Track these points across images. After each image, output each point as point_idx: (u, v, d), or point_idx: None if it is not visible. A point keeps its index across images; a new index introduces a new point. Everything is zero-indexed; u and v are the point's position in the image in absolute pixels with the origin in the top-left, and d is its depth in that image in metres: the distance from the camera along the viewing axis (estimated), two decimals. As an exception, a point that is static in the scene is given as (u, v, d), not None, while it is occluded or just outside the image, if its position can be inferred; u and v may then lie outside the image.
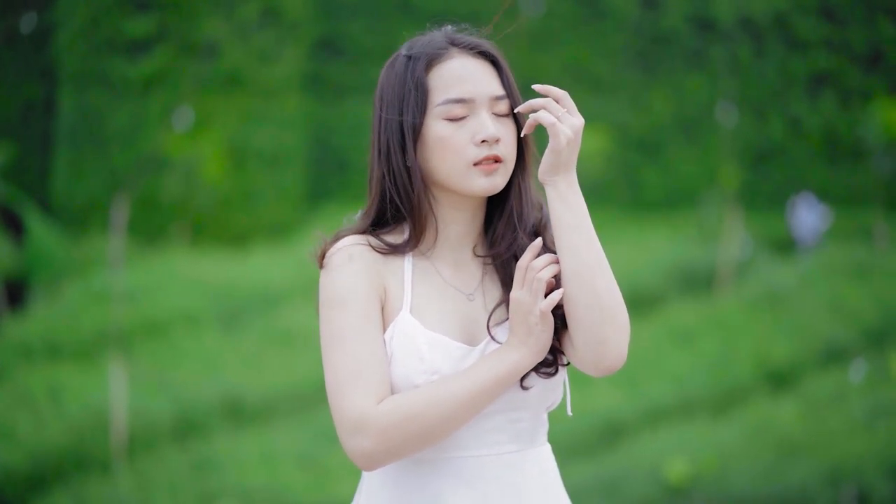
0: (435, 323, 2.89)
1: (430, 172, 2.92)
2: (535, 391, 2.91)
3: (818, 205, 23.82)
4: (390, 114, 2.95)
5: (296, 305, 17.75)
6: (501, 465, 2.91)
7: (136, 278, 17.85)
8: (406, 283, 2.91)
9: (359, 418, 2.81)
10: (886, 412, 13.96)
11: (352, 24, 25.85)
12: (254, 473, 13.09)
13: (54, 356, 15.82)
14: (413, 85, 2.91)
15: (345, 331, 2.85)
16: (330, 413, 13.63)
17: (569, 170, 2.85)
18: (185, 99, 21.52)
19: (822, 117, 25.01)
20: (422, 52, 2.94)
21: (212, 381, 14.91)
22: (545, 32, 25.47)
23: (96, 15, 22.16)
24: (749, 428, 13.95)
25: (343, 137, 25.77)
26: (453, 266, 2.95)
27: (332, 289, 2.89)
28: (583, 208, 2.86)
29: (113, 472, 13.15)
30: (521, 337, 2.83)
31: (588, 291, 2.81)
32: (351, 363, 2.83)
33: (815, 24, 25.07)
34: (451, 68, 2.92)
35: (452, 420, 2.81)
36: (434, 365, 2.84)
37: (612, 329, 2.82)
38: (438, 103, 2.89)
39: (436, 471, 2.90)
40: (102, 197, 21.67)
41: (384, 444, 2.79)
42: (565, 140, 2.84)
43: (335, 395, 2.84)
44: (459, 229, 2.95)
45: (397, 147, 2.94)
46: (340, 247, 2.93)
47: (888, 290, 18.26)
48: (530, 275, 2.82)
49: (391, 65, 2.98)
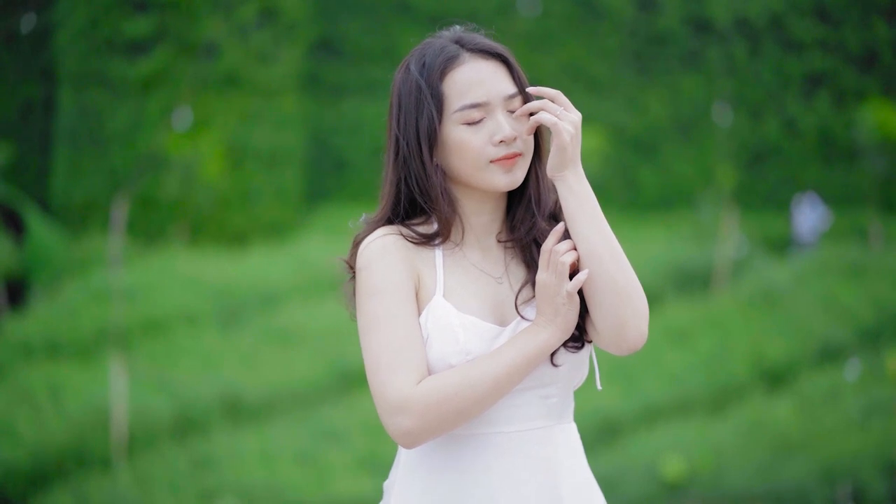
0: (467, 306, 3.01)
1: (451, 172, 3.03)
2: (564, 369, 3.05)
3: (821, 205, 23.89)
4: (408, 120, 3.04)
5: (294, 304, 17.81)
6: (533, 441, 3.04)
7: (135, 277, 17.90)
8: (438, 269, 3.03)
9: (399, 399, 2.93)
10: (881, 410, 14.02)
11: (350, 25, 25.89)
12: (253, 471, 13.13)
13: (54, 354, 15.87)
14: (429, 93, 3.01)
15: (382, 317, 2.97)
16: (327, 411, 13.65)
17: (575, 163, 2.98)
18: (183, 99, 21.56)
19: (818, 117, 25.06)
20: (435, 59, 3.05)
21: (211, 380, 14.95)
22: (542, 33, 25.52)
23: (95, 15, 22.19)
24: (745, 426, 14.00)
25: (341, 137, 25.81)
26: (481, 252, 3.08)
27: (368, 278, 3.00)
28: (592, 199, 2.99)
29: (113, 470, 13.19)
30: (549, 316, 2.96)
31: (603, 277, 2.95)
32: (390, 347, 2.95)
33: (811, 25, 25.13)
34: (464, 74, 3.03)
35: (487, 397, 2.94)
36: (468, 345, 2.96)
37: (629, 311, 2.96)
38: (455, 109, 3.01)
39: (470, 446, 3.03)
40: (102, 196, 21.71)
41: (424, 422, 2.92)
42: (568, 136, 2.96)
43: (376, 378, 2.96)
44: (484, 219, 3.08)
45: (416, 151, 3.03)
46: (374, 238, 3.03)
47: (883, 290, 18.32)
48: (554, 258, 2.95)
49: (405, 71, 3.08)
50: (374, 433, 13.87)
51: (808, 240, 23.40)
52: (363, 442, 13.69)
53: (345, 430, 13.91)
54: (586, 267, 2.97)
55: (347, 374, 15.74)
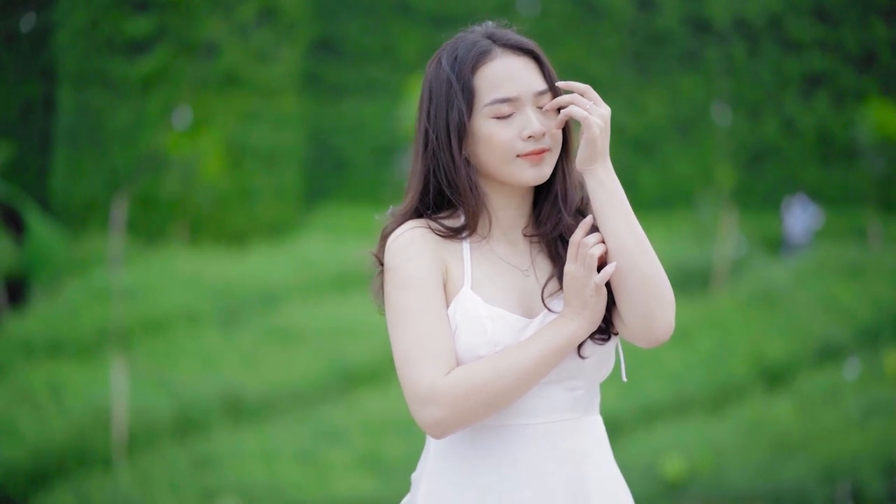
0: (494, 298, 3.05)
1: (480, 166, 3.07)
2: (591, 361, 3.07)
3: (811, 205, 23.92)
4: (438, 113, 3.08)
5: (294, 304, 17.83)
6: (560, 432, 3.07)
7: (135, 277, 17.91)
8: (465, 262, 3.07)
9: (428, 390, 2.97)
10: (880, 410, 14.04)
11: (349, 24, 25.91)
12: (254, 470, 13.14)
13: (55, 354, 15.88)
14: (460, 87, 3.05)
15: (411, 310, 3.01)
16: (328, 410, 13.66)
17: (604, 157, 3.02)
18: (183, 98, 21.58)
19: (816, 117, 25.09)
20: (467, 54, 3.08)
21: (211, 379, 14.96)
22: (541, 33, 25.53)
23: (95, 15, 22.21)
24: (744, 425, 14.02)
25: (341, 137, 25.83)
26: (507, 245, 3.12)
27: (397, 271, 3.05)
28: (620, 192, 3.04)
29: (114, 469, 13.20)
30: (577, 308, 3.00)
31: (632, 269, 2.98)
32: (419, 339, 2.99)
33: (809, 25, 25.16)
34: (496, 69, 3.06)
35: (515, 388, 2.97)
36: (496, 337, 3.00)
37: (657, 303, 2.99)
38: (486, 103, 3.04)
39: (498, 437, 3.06)
40: (102, 196, 21.73)
41: (453, 412, 2.95)
42: (598, 130, 3.00)
43: (405, 369, 3.00)
44: (511, 213, 3.12)
45: (445, 144, 3.07)
46: (402, 231, 3.08)
47: (882, 289, 18.34)
48: (583, 250, 2.99)
49: (437, 65, 3.11)
50: (375, 432, 13.89)
51: (800, 241, 23.43)
52: (363, 441, 13.71)
53: (345, 429, 13.92)
54: (615, 260, 3.01)
55: (348, 373, 15.75)
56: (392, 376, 15.81)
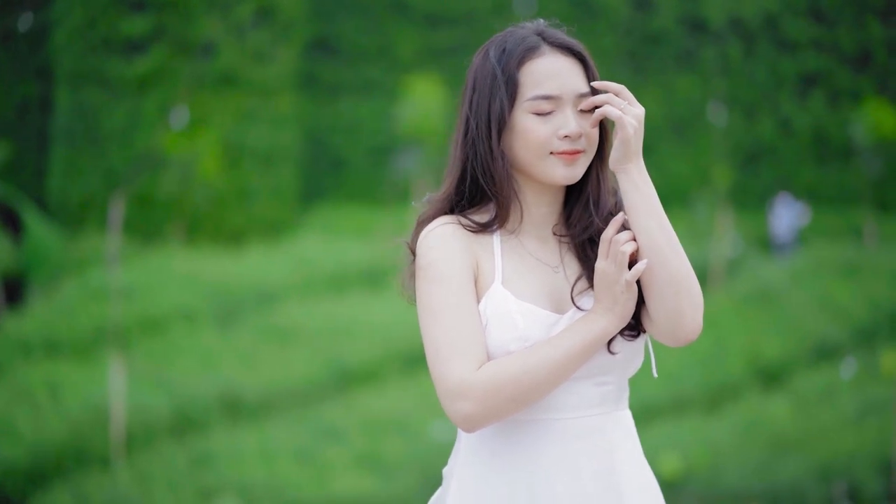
0: (525, 293, 3.08)
1: (514, 159, 3.10)
2: (620, 357, 3.10)
3: (795, 203, 23.94)
4: (480, 103, 3.10)
5: (292, 303, 17.84)
6: (590, 427, 3.10)
7: (132, 276, 17.92)
8: (496, 258, 3.10)
9: (460, 384, 2.99)
10: (876, 409, 14.07)
11: (346, 24, 25.92)
12: (252, 469, 13.15)
13: (53, 353, 15.89)
14: (505, 78, 3.07)
15: (443, 304, 3.04)
16: (326, 409, 13.66)
17: (638, 157, 3.05)
18: (180, 98, 21.60)
19: (812, 117, 25.13)
20: (515, 48, 3.10)
21: (209, 378, 14.98)
22: (537, 32, 25.55)
23: (93, 14, 22.22)
24: (741, 424, 14.05)
25: (337, 136, 25.85)
26: (538, 241, 3.15)
27: (428, 266, 3.08)
28: (653, 192, 3.07)
29: (112, 468, 13.21)
30: (607, 305, 3.03)
31: (662, 268, 3.01)
32: (450, 334, 3.02)
33: (805, 25, 25.19)
34: (541, 65, 3.08)
35: (546, 383, 3.01)
36: (526, 332, 3.03)
37: (686, 303, 3.03)
38: (528, 98, 3.07)
39: (530, 431, 3.09)
40: (99, 195, 21.74)
41: (484, 407, 2.98)
42: (632, 130, 3.03)
43: (436, 363, 3.02)
44: (542, 210, 3.15)
45: (485, 134, 3.09)
46: (433, 227, 3.11)
47: (878, 288, 18.39)
48: (614, 248, 3.01)
49: (484, 55, 3.14)
50: (373, 431, 13.91)
51: (786, 240, 23.46)
52: (362, 440, 13.73)
53: (343, 428, 13.95)
54: (646, 258, 3.03)
55: (345, 372, 15.78)
56: (390, 376, 15.84)
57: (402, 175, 24.09)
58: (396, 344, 16.45)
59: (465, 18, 25.72)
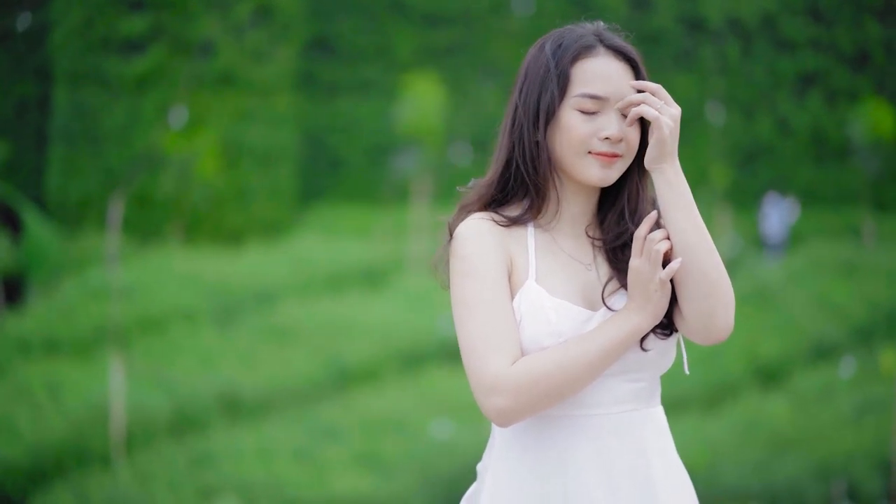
0: (558, 290, 3.11)
1: (553, 153, 3.14)
2: (652, 354, 3.13)
3: (782, 201, 23.95)
4: (531, 93, 3.15)
5: (291, 302, 17.86)
6: (623, 423, 3.13)
7: (132, 275, 17.94)
8: (530, 255, 3.14)
9: (494, 379, 3.03)
10: (875, 408, 14.09)
11: (344, 24, 25.94)
12: (251, 468, 13.15)
13: (53, 352, 15.90)
14: (557, 72, 3.12)
15: (478, 299, 3.08)
16: (325, 408, 13.67)
17: (673, 156, 3.08)
18: (179, 98, 21.62)
19: (810, 117, 25.16)
20: (571, 45, 3.16)
21: (208, 377, 14.99)
22: (535, 32, 25.55)
23: (91, 14, 22.24)
24: (739, 424, 14.05)
25: (335, 136, 25.86)
26: (572, 238, 3.18)
27: (463, 261, 3.11)
28: (688, 192, 3.10)
29: (113, 467, 13.21)
30: (640, 303, 3.06)
31: (695, 268, 3.05)
32: (485, 329, 3.06)
33: (803, 24, 25.22)
34: (594, 65, 3.13)
35: (579, 379, 3.05)
36: (560, 328, 3.07)
37: (718, 303, 3.06)
38: (575, 94, 3.11)
39: (563, 427, 3.12)
40: (97, 195, 21.76)
41: (518, 402, 3.02)
42: (668, 130, 3.06)
43: (471, 358, 3.06)
44: (577, 209, 3.19)
45: (531, 124, 3.13)
46: (468, 224, 3.13)
47: (876, 288, 18.41)
48: (648, 245, 3.04)
49: (540, 48, 3.20)
50: (372, 430, 13.92)
51: (777, 239, 23.47)
52: (361, 439, 13.74)
53: (342, 427, 13.96)
54: (679, 257, 3.06)
55: (344, 371, 15.79)
56: (388, 375, 15.85)
57: (401, 175, 24.11)
58: (395, 343, 16.47)
59: (463, 18, 25.73)
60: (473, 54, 25.62)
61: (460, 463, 13.08)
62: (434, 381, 15.48)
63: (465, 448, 13.32)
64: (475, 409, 14.19)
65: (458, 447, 13.37)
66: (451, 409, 14.47)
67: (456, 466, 13.03)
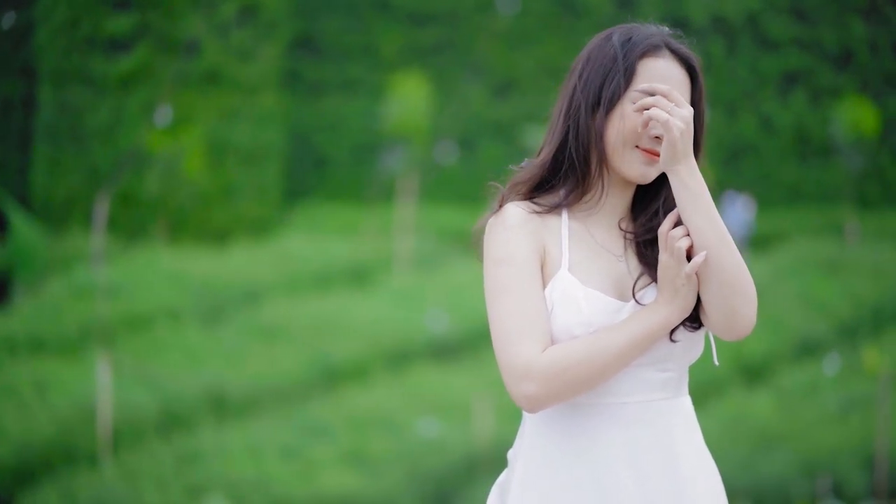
0: (590, 280, 3.17)
1: (605, 142, 3.19)
2: (681, 345, 3.19)
3: (738, 198, 23.99)
4: (593, 79, 3.21)
5: (277, 301, 17.88)
6: (652, 411, 3.18)
7: (118, 274, 17.94)
8: (563, 244, 3.19)
9: (525, 366, 3.09)
10: (859, 404, 14.16)
11: (329, 22, 25.95)
12: (239, 466, 13.16)
13: (39, 351, 15.89)
14: (625, 64, 3.19)
15: (510, 286, 3.14)
16: (312, 406, 13.69)
17: (687, 157, 3.13)
18: (164, 96, 21.62)
19: (794, 115, 25.23)
20: (640, 41, 3.22)
21: (195, 376, 15.00)
22: (521, 31, 25.63)
23: (76, 13, 22.23)
24: (725, 420, 14.11)
25: (321, 135, 25.87)
26: (605, 229, 3.24)
27: (497, 248, 3.17)
28: (704, 191, 3.14)
29: (100, 466, 13.22)
30: (668, 297, 3.12)
31: (716, 266, 3.10)
32: (517, 316, 3.11)
33: (787, 23, 25.30)
34: (658, 65, 3.21)
35: (608, 368, 3.10)
36: (591, 318, 3.12)
37: (740, 300, 3.12)
38: (636, 89, 3.17)
39: (593, 414, 3.18)
40: (83, 194, 21.74)
41: (547, 389, 3.08)
42: (678, 132, 3.11)
43: (502, 344, 3.11)
44: (616, 202, 3.24)
45: (589, 108, 3.19)
46: (504, 212, 3.19)
47: (859, 285, 18.49)
48: (670, 242, 3.10)
49: (607, 37, 3.26)
50: (359, 428, 13.95)
51: (739, 236, 23.52)
52: (348, 437, 13.77)
53: (330, 425, 13.98)
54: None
55: (332, 369, 15.82)
56: (375, 373, 15.88)
57: (387, 173, 24.13)
58: (382, 341, 16.50)
59: (449, 17, 25.76)
60: (459, 53, 25.65)
61: (448, 460, 13.13)
62: (421, 378, 15.51)
63: (452, 446, 13.36)
64: (463, 406, 14.24)
65: (446, 445, 13.41)
66: (438, 406, 14.51)
67: (443, 464, 13.07)
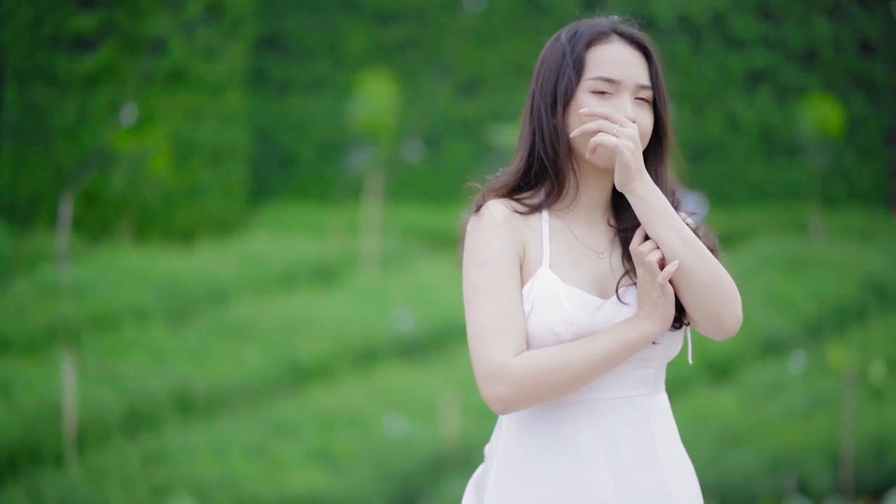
0: (571, 277, 3.20)
1: (568, 137, 3.22)
2: (661, 346, 3.25)
3: (690, 195, 24.07)
4: (548, 78, 3.28)
5: (243, 300, 17.86)
6: (631, 407, 3.23)
7: (82, 273, 17.88)
8: (544, 242, 3.21)
9: (497, 367, 3.11)
10: (824, 402, 14.23)
11: (295, 21, 25.92)
12: (205, 465, 13.15)
13: (3, 350, 15.82)
14: (573, 57, 3.25)
15: (487, 287, 3.16)
16: (279, 405, 13.71)
17: (640, 174, 3.17)
18: (129, 95, 21.56)
19: (759, 114, 25.33)
20: (586, 31, 3.29)
21: (161, 375, 14.96)
22: (486, 29, 25.65)
23: (41, 11, 22.14)
24: (690, 418, 14.16)
25: (286, 134, 25.84)
26: (586, 226, 3.27)
27: (476, 248, 3.19)
28: (664, 204, 3.19)
29: (65, 465, 13.18)
30: (648, 308, 3.16)
31: (690, 275, 3.15)
32: (492, 317, 3.13)
33: (753, 22, 25.40)
34: (608, 51, 3.27)
35: (581, 378, 3.14)
36: (572, 315, 3.15)
37: (720, 303, 3.18)
38: (589, 77, 3.24)
39: (571, 411, 3.21)
40: (47, 192, 21.66)
41: (518, 392, 3.11)
42: (629, 153, 3.14)
43: (476, 344, 3.13)
44: (592, 194, 3.28)
45: (549, 108, 3.25)
46: (485, 210, 3.22)
47: (824, 283, 18.58)
48: (640, 258, 3.14)
49: (556, 38, 3.34)
50: (326, 427, 13.95)
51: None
52: (315, 435, 13.77)
53: (297, 423, 13.98)
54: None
55: (298, 368, 15.81)
56: (342, 371, 15.89)
57: (353, 172, 24.12)
58: (349, 340, 16.50)
59: (416, 15, 25.76)
60: (425, 51, 25.66)
61: (415, 458, 13.14)
62: (388, 377, 15.52)
63: (419, 443, 13.38)
64: (430, 404, 14.26)
65: (413, 443, 13.43)
66: (405, 404, 14.52)
67: (411, 462, 13.09)
